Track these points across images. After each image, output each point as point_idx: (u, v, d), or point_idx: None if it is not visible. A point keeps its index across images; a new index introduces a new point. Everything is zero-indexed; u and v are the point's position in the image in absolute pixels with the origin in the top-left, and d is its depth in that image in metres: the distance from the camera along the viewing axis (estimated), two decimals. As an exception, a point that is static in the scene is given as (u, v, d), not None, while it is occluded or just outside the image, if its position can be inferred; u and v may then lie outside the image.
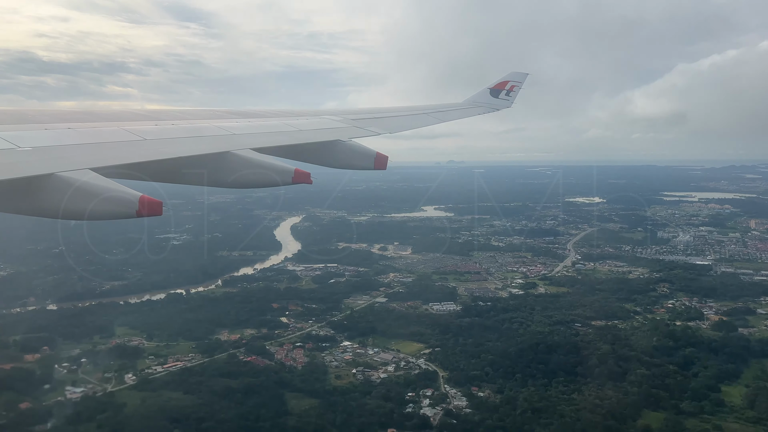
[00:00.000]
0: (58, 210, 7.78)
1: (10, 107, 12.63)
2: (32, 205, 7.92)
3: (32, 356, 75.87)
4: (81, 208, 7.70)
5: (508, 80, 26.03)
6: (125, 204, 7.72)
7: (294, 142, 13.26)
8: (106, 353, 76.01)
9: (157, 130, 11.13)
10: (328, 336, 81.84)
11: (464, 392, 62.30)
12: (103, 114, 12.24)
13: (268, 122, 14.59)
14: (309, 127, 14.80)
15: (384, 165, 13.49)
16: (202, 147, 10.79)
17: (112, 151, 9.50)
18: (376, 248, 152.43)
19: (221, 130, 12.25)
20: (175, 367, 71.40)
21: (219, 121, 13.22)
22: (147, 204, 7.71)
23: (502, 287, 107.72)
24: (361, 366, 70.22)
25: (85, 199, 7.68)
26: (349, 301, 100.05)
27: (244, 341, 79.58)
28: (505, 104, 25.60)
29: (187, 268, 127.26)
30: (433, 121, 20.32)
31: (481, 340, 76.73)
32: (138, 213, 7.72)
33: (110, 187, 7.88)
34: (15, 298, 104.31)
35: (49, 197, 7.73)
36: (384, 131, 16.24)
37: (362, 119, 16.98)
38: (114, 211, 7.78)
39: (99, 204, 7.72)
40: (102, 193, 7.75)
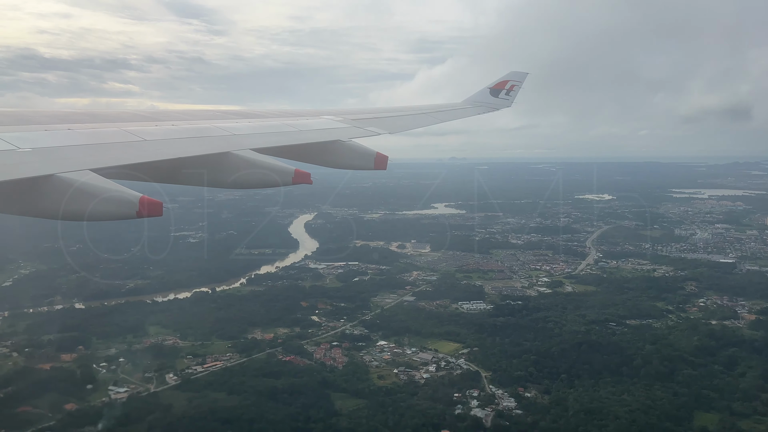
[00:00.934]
0: (59, 211, 7.78)
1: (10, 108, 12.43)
2: (33, 206, 7.91)
3: (69, 356, 75.66)
4: (81, 209, 7.72)
5: (508, 80, 26.02)
6: (125, 205, 7.77)
7: (294, 142, 13.25)
8: (143, 352, 75.71)
9: (157, 131, 11.13)
10: (363, 335, 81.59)
11: (511, 393, 62.08)
12: (103, 115, 12.24)
13: (268, 122, 14.52)
14: (309, 127, 14.79)
15: (384, 165, 13.46)
16: (202, 148, 10.82)
17: (113, 152, 9.51)
18: (394, 246, 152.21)
19: (221, 131, 12.25)
20: (214, 366, 71.15)
21: (219, 122, 13.22)
22: (147, 205, 7.77)
23: (529, 286, 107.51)
24: (401, 366, 70.00)
25: (85, 200, 7.70)
26: (376, 300, 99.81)
27: (280, 340, 79.30)
28: (504, 104, 25.58)
29: (208, 267, 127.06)
30: (433, 121, 20.34)
31: (518, 340, 76.52)
32: (138, 214, 7.77)
33: (110, 187, 7.91)
34: (41, 297, 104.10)
35: (50, 198, 7.74)
36: (384, 131, 16.25)
37: (362, 119, 16.99)
38: (114, 211, 7.82)
39: (99, 205, 7.74)
40: (102, 194, 7.78)
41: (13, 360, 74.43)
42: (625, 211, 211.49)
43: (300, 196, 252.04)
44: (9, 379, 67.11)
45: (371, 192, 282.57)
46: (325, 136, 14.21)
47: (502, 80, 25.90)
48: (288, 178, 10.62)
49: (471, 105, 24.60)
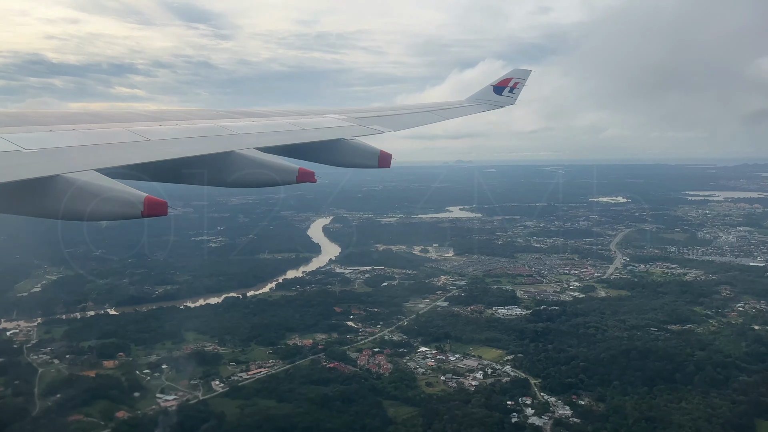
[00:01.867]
0: (63, 211, 7.80)
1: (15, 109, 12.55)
2: (37, 206, 7.92)
3: (111, 363, 75.52)
4: (86, 209, 7.73)
5: (512, 77, 25.97)
6: (130, 205, 7.76)
7: (298, 141, 13.25)
8: (185, 359, 75.42)
9: (161, 131, 11.16)
10: (403, 341, 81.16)
11: (564, 400, 61.55)
12: (107, 115, 12.22)
13: (271, 121, 14.49)
14: (312, 126, 14.78)
15: (388, 163, 13.45)
16: (206, 147, 10.82)
17: (117, 152, 9.54)
18: (416, 250, 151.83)
19: (225, 130, 12.29)
20: (259, 373, 70.84)
21: (223, 121, 13.22)
22: (152, 204, 7.76)
23: (561, 290, 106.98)
24: (448, 373, 69.55)
25: (89, 200, 7.71)
26: (409, 305, 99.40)
27: (321, 346, 78.92)
28: (508, 101, 25.54)
29: (234, 271, 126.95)
30: (437, 118, 20.25)
31: (561, 346, 75.96)
32: (143, 214, 7.76)
33: (115, 187, 7.91)
34: (73, 303, 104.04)
35: (54, 198, 7.76)
36: (388, 129, 16.26)
37: (366, 117, 16.95)
38: (119, 211, 7.82)
39: (104, 205, 7.75)
40: (106, 194, 7.79)
41: (56, 367, 74.25)
42: (642, 214, 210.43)
43: (313, 200, 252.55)
44: (55, 387, 66.93)
45: (383, 195, 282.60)
46: (329, 134, 14.17)
47: (506, 78, 25.95)
48: (292, 176, 10.58)
49: (474, 103, 24.57)
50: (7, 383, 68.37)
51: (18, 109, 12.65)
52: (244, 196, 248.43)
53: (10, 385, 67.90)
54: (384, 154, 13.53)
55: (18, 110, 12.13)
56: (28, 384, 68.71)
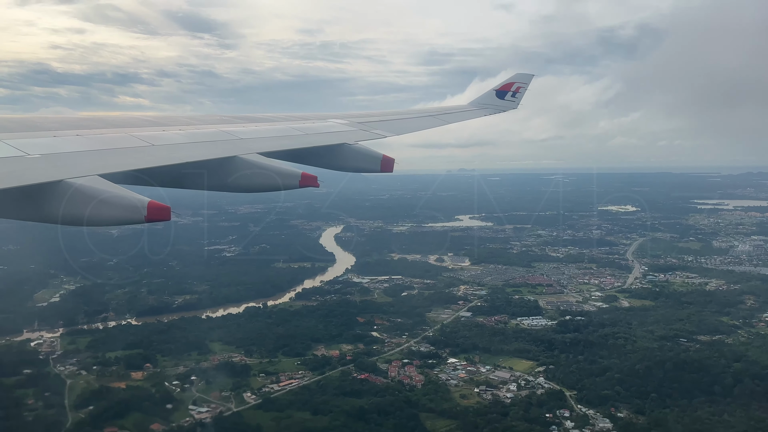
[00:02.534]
0: (67, 216, 7.82)
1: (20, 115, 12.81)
2: (41, 211, 7.93)
3: (140, 374, 75.08)
4: (89, 214, 7.74)
5: (514, 82, 26.04)
6: (133, 210, 7.76)
7: (300, 145, 13.26)
8: (214, 370, 74.94)
9: (164, 136, 11.14)
10: (431, 352, 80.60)
11: (603, 413, 60.96)
12: (111, 120, 12.21)
13: (274, 126, 14.45)
14: (315, 130, 14.75)
15: (390, 168, 13.47)
16: (209, 152, 10.82)
17: (120, 157, 9.52)
18: (431, 259, 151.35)
19: (228, 135, 12.28)
20: (290, 385, 70.31)
21: (226, 126, 13.17)
22: (155, 210, 7.78)
23: (584, 300, 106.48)
24: (481, 385, 68.95)
25: (93, 205, 7.72)
26: (432, 315, 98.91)
27: (349, 357, 78.43)
28: (510, 106, 25.68)
29: (252, 281, 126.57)
30: (439, 123, 20.25)
31: (592, 357, 75.42)
32: (146, 218, 7.83)
33: (118, 193, 7.92)
34: (94, 312, 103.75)
35: (58, 204, 7.75)
36: (390, 134, 16.22)
37: (368, 122, 16.92)
38: (122, 216, 7.86)
39: (107, 210, 7.76)
40: (110, 199, 7.79)
41: (84, 378, 73.80)
42: (654, 223, 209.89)
43: (321, 209, 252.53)
44: (87, 399, 66.46)
45: (390, 204, 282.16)
46: (332, 139, 14.14)
47: (508, 82, 25.99)
48: (295, 181, 10.54)
49: (477, 107, 24.56)
50: (37, 395, 67.88)
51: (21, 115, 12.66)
52: (252, 204, 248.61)
53: (41, 397, 67.41)
54: (386, 158, 13.53)
55: (22, 116, 12.07)
56: (58, 396, 68.28)
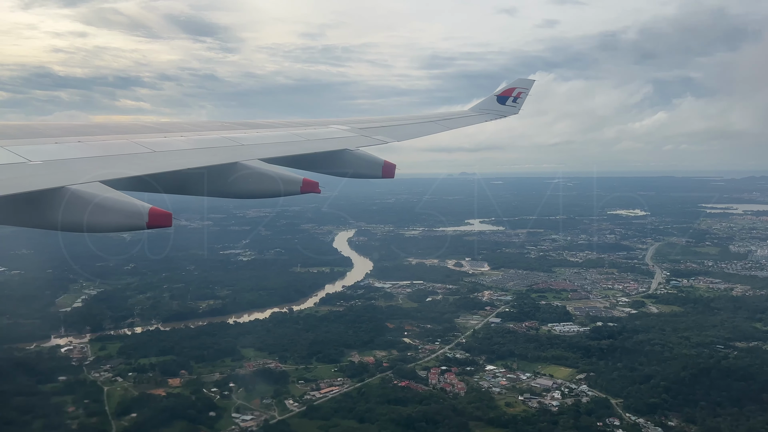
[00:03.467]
0: (68, 223, 7.85)
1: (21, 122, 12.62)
2: (43, 218, 7.96)
3: (176, 380, 74.49)
4: (91, 221, 7.76)
5: (515, 87, 26.02)
6: (135, 216, 7.79)
7: (302, 151, 13.32)
8: (251, 377, 74.37)
9: (166, 142, 11.25)
10: (467, 359, 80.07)
11: (654, 421, 60.51)
12: (112, 127, 12.34)
13: (275, 133, 14.55)
14: (317, 136, 14.85)
15: (392, 173, 13.53)
16: (210, 158, 10.92)
17: (122, 164, 9.60)
18: (450, 264, 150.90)
19: (230, 141, 12.38)
20: (331, 392, 69.75)
21: (227, 132, 13.29)
22: (156, 216, 7.81)
23: (611, 306, 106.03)
24: (525, 392, 68.47)
25: (95, 212, 7.75)
26: (460, 321, 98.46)
27: (386, 364, 77.91)
28: (512, 111, 25.54)
29: (272, 286, 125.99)
30: (441, 128, 20.31)
31: (632, 364, 74.96)
32: (148, 225, 7.79)
33: (120, 199, 7.96)
34: (119, 318, 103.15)
35: (60, 210, 7.79)
36: (392, 139, 16.22)
37: (369, 128, 16.95)
38: (124, 222, 7.87)
39: (109, 216, 7.82)
40: (112, 205, 7.84)
41: (121, 385, 73.20)
42: (666, 228, 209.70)
43: (330, 213, 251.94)
44: (128, 407, 65.93)
45: (397, 208, 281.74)
46: (333, 145, 14.20)
47: (509, 87, 25.94)
48: (296, 187, 10.63)
49: (478, 112, 24.58)
50: (76, 402, 67.27)
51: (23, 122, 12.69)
52: (259, 208, 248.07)
53: (80, 405, 66.80)
54: (388, 164, 13.51)
55: (24, 123, 12.09)
56: (98, 403, 67.69)
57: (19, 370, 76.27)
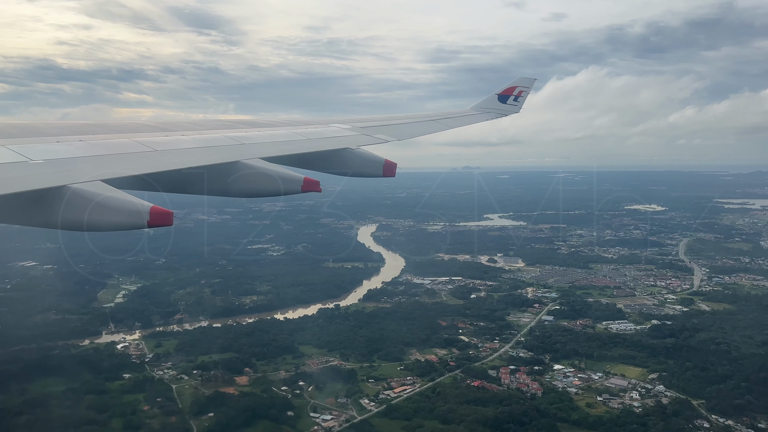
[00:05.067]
0: (69, 221, 7.85)
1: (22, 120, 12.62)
2: (44, 216, 7.97)
3: (243, 378, 73.74)
4: (92, 219, 7.77)
5: (516, 86, 26.01)
6: (136, 215, 7.80)
7: (303, 150, 13.37)
8: (318, 375, 73.64)
9: (167, 141, 11.27)
10: (532, 358, 79.35)
11: (745, 424, 59.82)
12: (114, 126, 12.35)
13: (277, 131, 14.57)
14: (317, 135, 14.89)
15: (393, 172, 13.56)
16: (211, 157, 10.93)
17: (123, 163, 9.63)
18: (483, 259, 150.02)
19: (231, 140, 12.43)
20: (405, 391, 69.02)
21: (228, 131, 13.34)
22: (157, 215, 7.82)
23: (659, 304, 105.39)
24: (603, 393, 67.79)
25: (96, 211, 7.76)
26: (512, 319, 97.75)
27: (452, 363, 77.17)
28: (513, 110, 25.56)
29: (312, 281, 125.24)
30: (442, 127, 20.33)
31: (702, 364, 74.29)
32: (149, 223, 7.80)
33: (121, 198, 7.97)
34: (166, 314, 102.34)
35: (61, 208, 7.81)
36: (393, 138, 16.21)
37: (370, 127, 16.94)
38: (125, 221, 7.85)
39: (110, 214, 7.81)
40: (112, 204, 7.85)
41: (188, 383, 72.48)
42: (690, 223, 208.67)
43: (345, 207, 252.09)
44: (204, 405, 65.17)
45: (411, 202, 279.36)
46: (334, 144, 14.20)
47: (511, 86, 25.84)
48: (297, 186, 10.65)
49: (479, 111, 24.55)
50: (149, 401, 66.51)
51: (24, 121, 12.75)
52: (275, 202, 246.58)
53: (153, 403, 66.05)
54: (389, 163, 13.54)
55: (25, 122, 12.10)
56: (171, 401, 66.95)
57: (83, 367, 75.50)
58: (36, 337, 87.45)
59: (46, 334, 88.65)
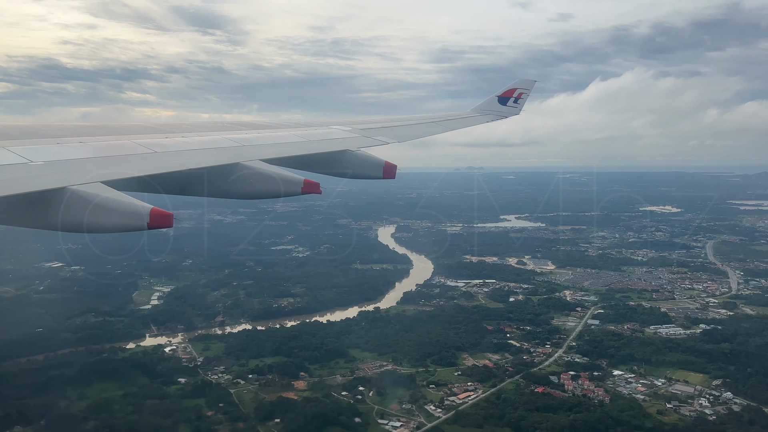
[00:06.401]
0: (69, 223, 7.86)
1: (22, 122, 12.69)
2: (44, 218, 7.99)
3: (300, 383, 72.83)
4: (92, 221, 7.78)
5: (516, 87, 25.97)
6: (136, 216, 7.82)
7: (303, 152, 13.35)
8: (378, 380, 72.70)
9: (167, 143, 11.28)
10: (589, 364, 78.38)
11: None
12: (114, 128, 12.36)
13: (277, 133, 14.58)
14: (318, 137, 14.89)
15: (393, 174, 13.58)
16: (212, 159, 10.95)
17: (123, 164, 9.61)
18: (512, 262, 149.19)
19: (231, 142, 12.43)
20: (469, 397, 68.08)
21: (229, 133, 13.33)
22: (158, 216, 7.84)
23: (702, 307, 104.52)
24: (672, 400, 66.83)
25: (96, 212, 7.77)
26: (557, 323, 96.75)
27: (511, 369, 76.28)
28: (513, 112, 25.58)
29: (344, 283, 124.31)
30: (442, 129, 20.34)
31: (765, 369, 73.43)
32: (149, 225, 7.80)
33: (121, 199, 7.98)
34: (206, 316, 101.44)
35: (61, 210, 7.82)
36: (393, 140, 16.15)
37: (371, 128, 16.94)
38: (125, 223, 7.86)
39: (110, 216, 7.82)
40: (113, 206, 7.86)
41: (245, 388, 71.54)
42: (710, 225, 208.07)
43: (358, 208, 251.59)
44: (269, 411, 64.22)
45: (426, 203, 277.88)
46: (334, 146, 14.22)
47: (510, 88, 25.82)
48: (297, 188, 10.66)
49: (479, 113, 24.64)
50: (211, 406, 65.64)
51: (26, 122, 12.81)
52: (287, 203, 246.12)
53: (216, 408, 65.15)
54: (389, 165, 13.56)
55: (26, 123, 12.13)
56: (233, 407, 65.99)
57: (137, 371, 74.56)
58: (81, 339, 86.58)
59: (90, 337, 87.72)
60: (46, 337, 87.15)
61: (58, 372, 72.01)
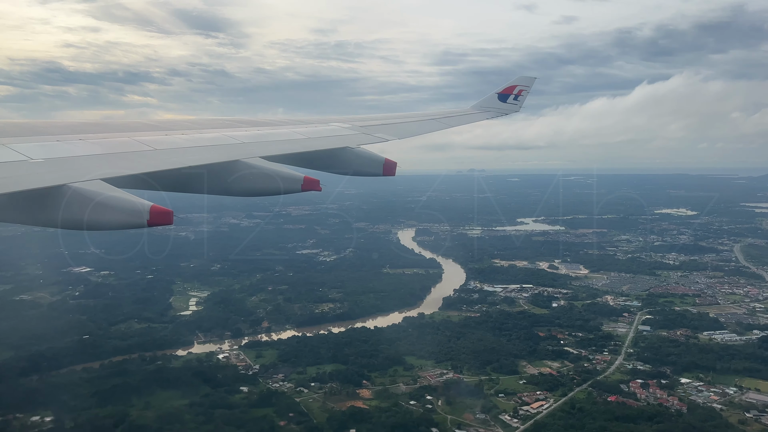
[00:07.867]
0: (69, 220, 7.81)
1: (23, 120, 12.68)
2: (44, 215, 7.96)
3: (365, 392, 71.62)
4: (92, 219, 7.73)
5: (516, 84, 25.75)
6: (136, 213, 7.78)
7: (302, 149, 13.33)
8: (444, 389, 71.54)
9: (167, 141, 11.21)
10: (652, 371, 77.28)
11: None
12: (114, 125, 12.28)
13: (277, 131, 14.55)
14: (317, 134, 14.86)
15: (393, 171, 13.57)
16: (211, 156, 10.90)
17: (123, 162, 9.57)
18: (543, 266, 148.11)
19: (231, 140, 12.40)
20: (542, 407, 66.91)
21: (229, 131, 13.33)
22: (158, 213, 7.79)
23: (749, 312, 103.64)
24: (751, 410, 65.74)
25: (96, 209, 7.72)
26: (607, 329, 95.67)
27: (577, 377, 75.15)
28: (513, 109, 25.50)
29: (381, 288, 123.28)
30: (442, 126, 20.27)
31: (835, 378, 72.52)
32: (149, 223, 7.74)
33: (121, 197, 7.94)
34: (251, 322, 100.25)
35: (60, 207, 7.79)
36: (392, 137, 16.14)
37: (371, 126, 16.89)
38: (125, 220, 7.81)
39: (110, 214, 7.77)
40: (113, 203, 7.81)
41: (309, 396, 70.32)
42: (731, 228, 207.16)
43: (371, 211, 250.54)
44: (342, 421, 62.97)
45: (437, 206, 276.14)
46: (334, 143, 14.17)
47: (511, 85, 25.69)
48: (297, 185, 10.62)
49: (479, 110, 24.48)
50: (281, 415, 64.34)
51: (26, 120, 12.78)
52: (297, 205, 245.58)
53: (287, 418, 63.85)
54: (389, 162, 13.51)
55: (26, 120, 12.09)
56: (303, 416, 64.76)
57: (198, 379, 73.28)
58: (131, 347, 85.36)
59: (140, 344, 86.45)
60: (95, 344, 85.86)
61: (119, 380, 70.69)
